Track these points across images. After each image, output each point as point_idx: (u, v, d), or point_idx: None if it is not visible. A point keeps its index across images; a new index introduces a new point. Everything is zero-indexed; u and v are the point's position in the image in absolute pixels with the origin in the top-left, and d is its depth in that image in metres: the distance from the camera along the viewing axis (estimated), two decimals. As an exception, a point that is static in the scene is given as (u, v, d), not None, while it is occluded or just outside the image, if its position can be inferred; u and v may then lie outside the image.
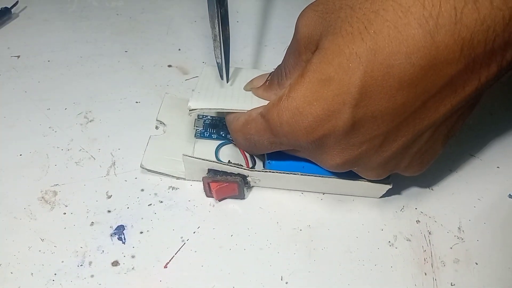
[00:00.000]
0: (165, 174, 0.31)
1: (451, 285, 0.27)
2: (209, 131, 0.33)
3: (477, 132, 0.36)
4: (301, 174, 0.28)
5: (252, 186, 0.31)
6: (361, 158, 0.25)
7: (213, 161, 0.28)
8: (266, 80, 0.27)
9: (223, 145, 0.32)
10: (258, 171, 0.29)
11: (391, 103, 0.21)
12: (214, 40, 0.28)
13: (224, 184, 0.28)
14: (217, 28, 0.28)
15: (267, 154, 0.29)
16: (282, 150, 0.27)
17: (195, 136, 0.33)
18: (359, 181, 0.29)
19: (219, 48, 0.29)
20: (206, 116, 0.34)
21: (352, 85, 0.21)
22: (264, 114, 0.25)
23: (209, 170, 0.29)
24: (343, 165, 0.25)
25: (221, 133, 0.33)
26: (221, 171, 0.29)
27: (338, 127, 0.22)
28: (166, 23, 0.44)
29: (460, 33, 0.19)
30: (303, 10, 0.24)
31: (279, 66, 0.26)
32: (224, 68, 0.29)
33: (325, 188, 0.30)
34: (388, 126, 0.22)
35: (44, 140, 0.33)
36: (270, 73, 0.27)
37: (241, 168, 0.28)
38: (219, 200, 0.30)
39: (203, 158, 0.28)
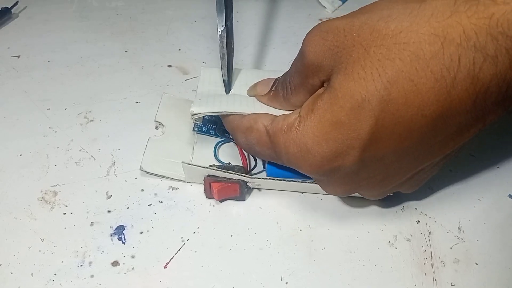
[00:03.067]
0: (165, 177, 0.31)
1: (451, 285, 0.27)
2: (208, 127, 0.33)
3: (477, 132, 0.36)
4: (302, 182, 0.28)
5: (253, 188, 0.31)
6: (363, 188, 0.26)
7: (213, 168, 0.28)
8: (271, 90, 0.27)
9: (222, 143, 0.32)
10: (259, 178, 0.29)
11: (398, 149, 0.22)
12: (222, 58, 0.29)
13: (226, 185, 0.28)
14: (225, 48, 0.28)
15: (267, 163, 0.29)
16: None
17: (193, 129, 0.33)
18: None
19: (226, 66, 0.29)
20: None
21: (362, 131, 0.21)
22: (270, 133, 0.25)
23: (210, 175, 0.29)
24: (344, 193, 0.26)
25: (220, 130, 0.32)
26: (221, 177, 0.29)
27: (344, 167, 0.23)
28: (166, 23, 0.44)
29: (475, 87, 0.19)
30: (310, 33, 0.23)
31: (284, 77, 0.26)
32: (227, 82, 0.29)
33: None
34: (392, 166, 0.23)
35: (44, 140, 0.33)
36: (274, 81, 0.27)
37: (241, 175, 0.28)
38: (220, 201, 0.30)
39: (202, 165, 0.28)
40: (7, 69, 0.38)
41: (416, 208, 0.31)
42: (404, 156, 0.22)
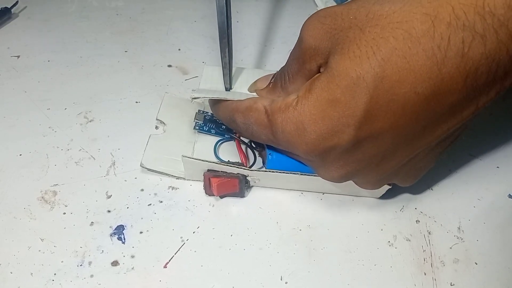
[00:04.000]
0: (165, 174, 0.31)
1: (451, 285, 0.27)
2: (208, 126, 0.33)
3: (477, 132, 0.36)
4: (301, 174, 0.28)
5: (252, 186, 0.31)
6: (359, 173, 0.26)
7: (213, 162, 0.28)
8: (270, 82, 0.27)
9: (223, 142, 0.32)
10: (258, 170, 0.29)
11: (393, 127, 0.22)
12: (224, 67, 0.29)
13: (225, 180, 0.28)
14: (227, 57, 0.29)
15: (267, 149, 0.29)
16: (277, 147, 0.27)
17: (194, 128, 0.33)
18: None
19: (228, 75, 0.29)
20: (208, 112, 0.34)
21: (357, 109, 0.21)
22: (268, 113, 0.25)
23: (209, 170, 0.29)
24: (340, 178, 0.26)
25: (220, 129, 0.33)
26: (221, 171, 0.29)
27: (340, 146, 0.23)
28: (166, 23, 0.44)
29: (465, 65, 0.20)
30: (309, 19, 0.24)
31: (282, 68, 0.27)
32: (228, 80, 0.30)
33: (325, 188, 0.30)
34: (388, 146, 0.23)
35: (44, 140, 0.33)
36: (274, 75, 0.28)
37: (240, 168, 0.28)
38: (220, 197, 0.30)
39: (202, 159, 0.28)
40: (7, 69, 0.38)
41: (416, 208, 0.31)
42: (399, 136, 0.23)
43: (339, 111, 0.22)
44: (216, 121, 0.33)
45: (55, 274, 0.26)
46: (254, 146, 0.31)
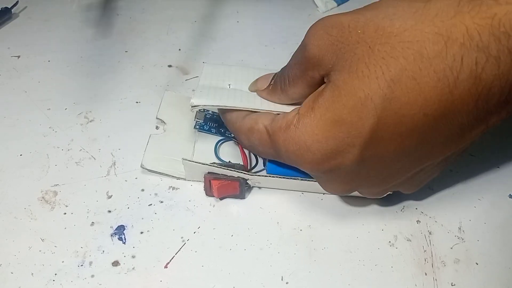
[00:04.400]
0: (165, 174, 0.31)
1: (452, 285, 0.27)
2: (209, 125, 0.33)
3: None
4: (301, 179, 0.28)
5: (253, 187, 0.31)
6: (363, 187, 0.26)
7: (213, 165, 0.28)
8: (270, 84, 0.27)
9: (223, 142, 0.32)
10: (259, 175, 0.29)
11: (399, 148, 0.21)
12: None
13: (226, 182, 0.28)
14: None
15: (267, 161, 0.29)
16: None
17: (194, 127, 0.32)
18: None
19: None
20: (209, 111, 0.34)
21: (363, 130, 0.21)
22: (270, 133, 0.25)
23: (210, 172, 0.29)
24: (344, 192, 0.26)
25: (221, 129, 0.32)
26: (221, 174, 0.29)
27: (344, 165, 0.23)
28: (166, 23, 0.44)
29: (477, 87, 0.19)
30: (314, 26, 0.23)
31: (282, 70, 0.26)
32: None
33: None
34: (393, 165, 0.23)
35: (44, 140, 0.32)
36: (273, 76, 0.27)
37: (241, 172, 0.28)
38: (220, 199, 0.30)
39: (203, 162, 0.28)
40: (7, 69, 0.38)
41: (416, 208, 0.31)
42: (405, 156, 0.22)
43: (345, 132, 0.21)
44: (217, 119, 0.33)
45: (55, 274, 0.26)
46: None
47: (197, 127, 0.33)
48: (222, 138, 0.32)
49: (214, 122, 0.33)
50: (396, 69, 0.20)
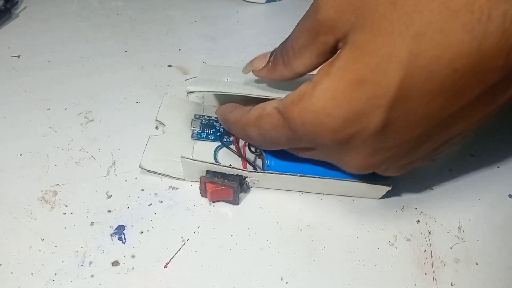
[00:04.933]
0: (164, 175, 0.31)
1: (451, 285, 0.27)
2: (206, 132, 0.33)
3: (477, 132, 0.36)
4: (300, 175, 0.28)
5: (252, 187, 0.31)
6: (386, 162, 0.24)
7: (212, 163, 0.28)
8: (269, 61, 0.26)
9: (222, 148, 0.32)
10: (257, 172, 0.29)
11: (428, 108, 0.20)
12: None
13: (220, 187, 0.28)
14: None
15: (265, 155, 0.29)
16: (299, 147, 0.26)
17: (192, 137, 0.33)
18: (358, 183, 0.29)
19: None
20: (203, 116, 0.34)
21: (389, 88, 0.20)
22: (281, 110, 0.23)
23: (208, 172, 0.29)
24: (366, 168, 0.24)
25: (218, 134, 0.32)
26: (220, 173, 0.29)
27: (368, 130, 0.21)
28: (166, 23, 0.44)
29: (507, 40, 0.18)
30: None
31: (283, 43, 0.25)
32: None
33: (324, 189, 0.30)
34: (421, 131, 0.22)
35: (44, 140, 0.32)
36: (271, 53, 0.26)
37: (239, 169, 0.28)
38: (213, 202, 0.30)
39: (201, 160, 0.28)
40: (7, 69, 0.38)
41: (416, 208, 0.31)
42: (434, 118, 0.21)
43: (369, 92, 0.20)
44: (213, 125, 0.33)
45: (55, 274, 0.26)
46: (252, 150, 0.31)
47: (195, 136, 0.32)
48: (220, 145, 0.32)
49: (211, 128, 0.33)
50: (421, 23, 0.19)
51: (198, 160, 0.28)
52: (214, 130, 0.33)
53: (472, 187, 0.32)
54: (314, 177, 0.28)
